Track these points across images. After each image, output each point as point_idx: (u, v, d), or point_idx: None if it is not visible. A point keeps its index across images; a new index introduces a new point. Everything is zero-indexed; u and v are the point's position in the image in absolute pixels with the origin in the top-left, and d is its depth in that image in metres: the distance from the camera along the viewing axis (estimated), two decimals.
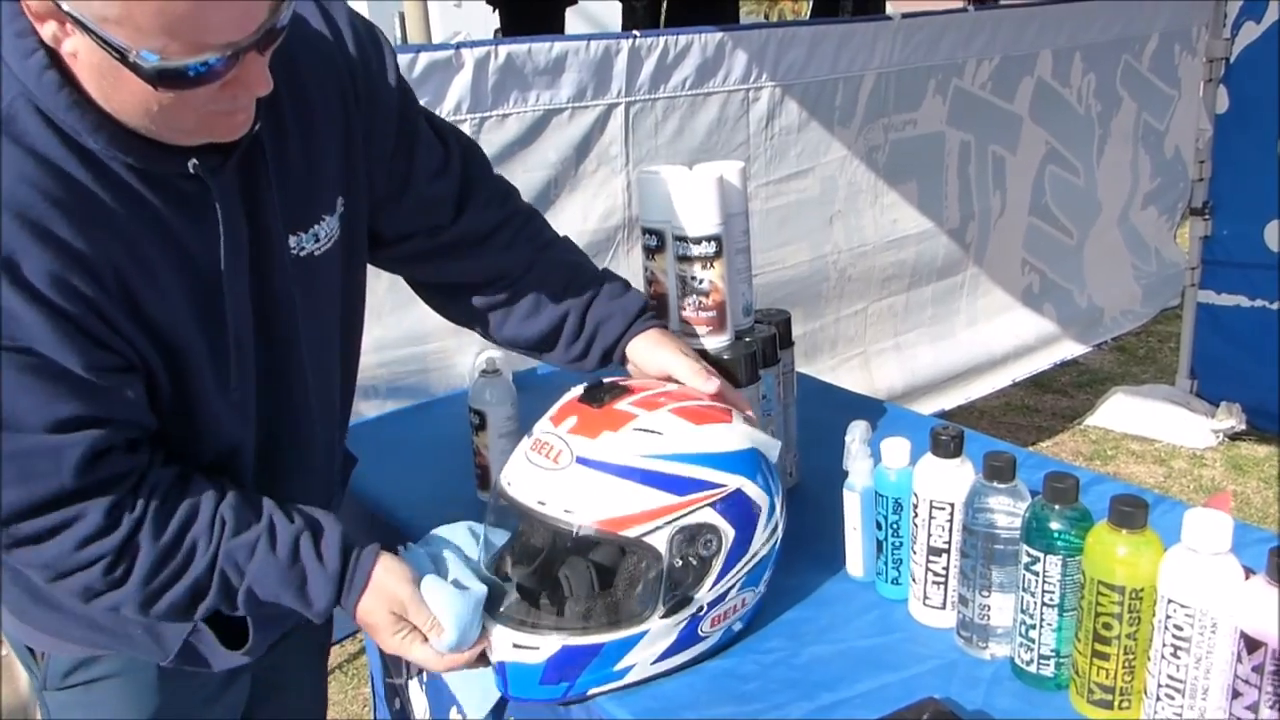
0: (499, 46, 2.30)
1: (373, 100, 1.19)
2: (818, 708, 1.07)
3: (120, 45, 0.84)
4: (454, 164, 1.30)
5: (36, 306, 0.91)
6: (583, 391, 1.17)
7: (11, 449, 0.95)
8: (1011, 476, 1.08)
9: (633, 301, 1.35)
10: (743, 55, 2.68)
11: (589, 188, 2.56)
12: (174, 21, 0.83)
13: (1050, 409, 4.24)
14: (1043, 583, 1.04)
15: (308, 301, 1.16)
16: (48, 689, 1.24)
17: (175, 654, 1.18)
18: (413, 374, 2.23)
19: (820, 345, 3.21)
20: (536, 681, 1.12)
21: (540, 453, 1.12)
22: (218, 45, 0.86)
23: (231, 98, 0.93)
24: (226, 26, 0.86)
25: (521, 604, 1.15)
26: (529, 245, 1.34)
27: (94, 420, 0.97)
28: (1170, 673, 0.95)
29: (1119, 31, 3.62)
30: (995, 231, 3.56)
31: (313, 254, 1.15)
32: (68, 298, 0.93)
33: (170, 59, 0.85)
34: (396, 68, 1.23)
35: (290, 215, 1.11)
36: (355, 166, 1.19)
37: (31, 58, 0.89)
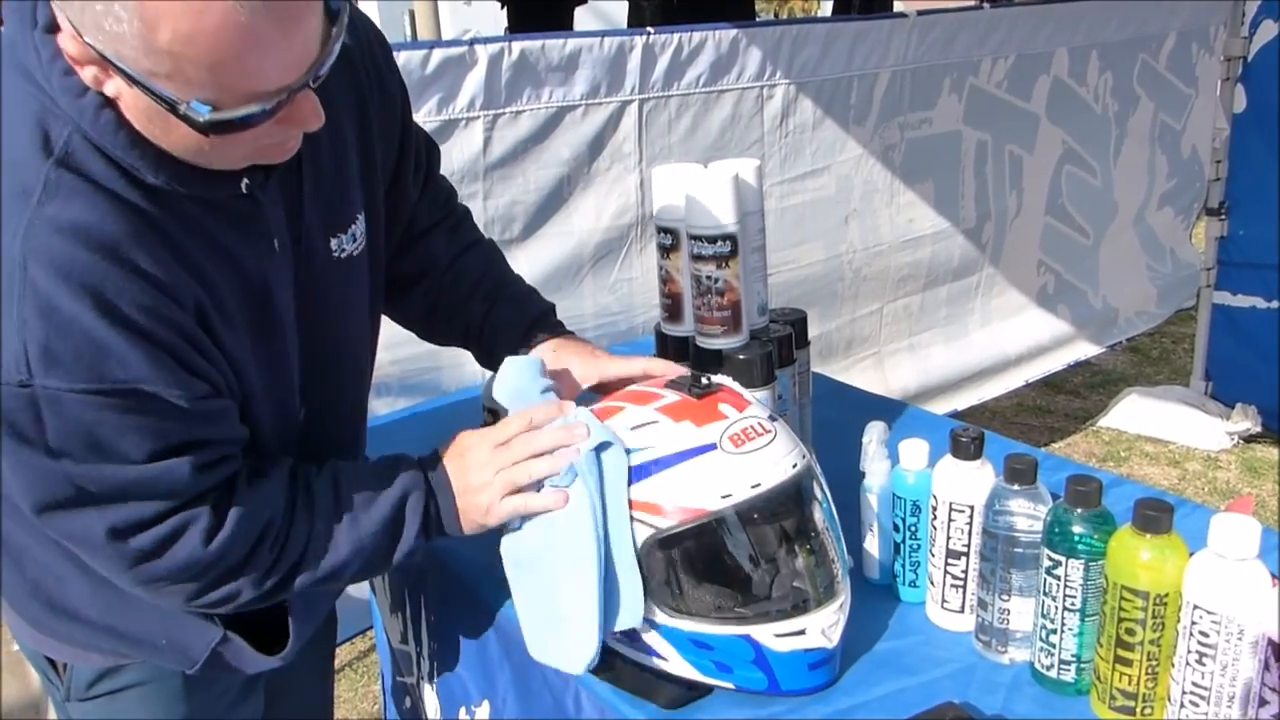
0: (512, 43, 2.29)
1: (384, 97, 1.20)
2: (835, 711, 1.06)
3: (170, 97, 0.83)
4: (421, 164, 1.33)
5: (136, 341, 0.90)
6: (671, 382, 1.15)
7: (120, 479, 0.94)
8: (1033, 479, 1.07)
9: (525, 313, 1.35)
10: (757, 52, 2.67)
11: (602, 185, 2.55)
12: (225, 75, 0.82)
13: (1063, 410, 4.21)
14: (1064, 587, 1.02)
15: (349, 302, 1.17)
16: (71, 700, 1.22)
17: (202, 663, 1.16)
18: (425, 371, 2.23)
19: (835, 345, 3.19)
20: (806, 668, 1.07)
21: (738, 445, 1.07)
22: (270, 92, 0.85)
23: (284, 131, 0.92)
24: (278, 73, 0.85)
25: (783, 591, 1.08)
26: (455, 243, 1.36)
27: (195, 444, 0.97)
28: (1195, 679, 0.93)
29: (1136, 30, 3.59)
30: (1011, 232, 3.54)
31: (351, 254, 1.15)
32: (163, 328, 0.92)
33: (221, 110, 0.84)
34: (398, 70, 1.25)
35: (328, 218, 1.12)
36: (373, 163, 1.19)
37: (84, 97, 0.88)
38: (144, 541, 0.98)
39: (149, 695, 1.22)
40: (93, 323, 0.87)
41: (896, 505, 1.21)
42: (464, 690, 1.41)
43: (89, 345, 0.88)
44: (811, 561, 1.09)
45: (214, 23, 0.78)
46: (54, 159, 0.89)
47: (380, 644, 1.75)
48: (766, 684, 1.07)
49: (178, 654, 1.16)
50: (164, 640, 1.15)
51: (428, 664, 1.51)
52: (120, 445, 0.92)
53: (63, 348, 0.87)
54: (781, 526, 1.09)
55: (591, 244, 2.56)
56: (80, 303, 0.87)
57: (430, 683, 1.52)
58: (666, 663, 1.09)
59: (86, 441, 0.91)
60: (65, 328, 0.87)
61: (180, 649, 1.16)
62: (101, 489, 0.94)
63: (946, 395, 3.51)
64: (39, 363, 0.86)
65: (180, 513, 0.99)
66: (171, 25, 0.78)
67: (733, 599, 1.07)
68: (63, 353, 0.87)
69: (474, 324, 1.34)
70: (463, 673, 1.40)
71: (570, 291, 2.55)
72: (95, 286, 0.88)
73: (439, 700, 1.51)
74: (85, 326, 0.87)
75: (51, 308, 0.86)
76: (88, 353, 0.88)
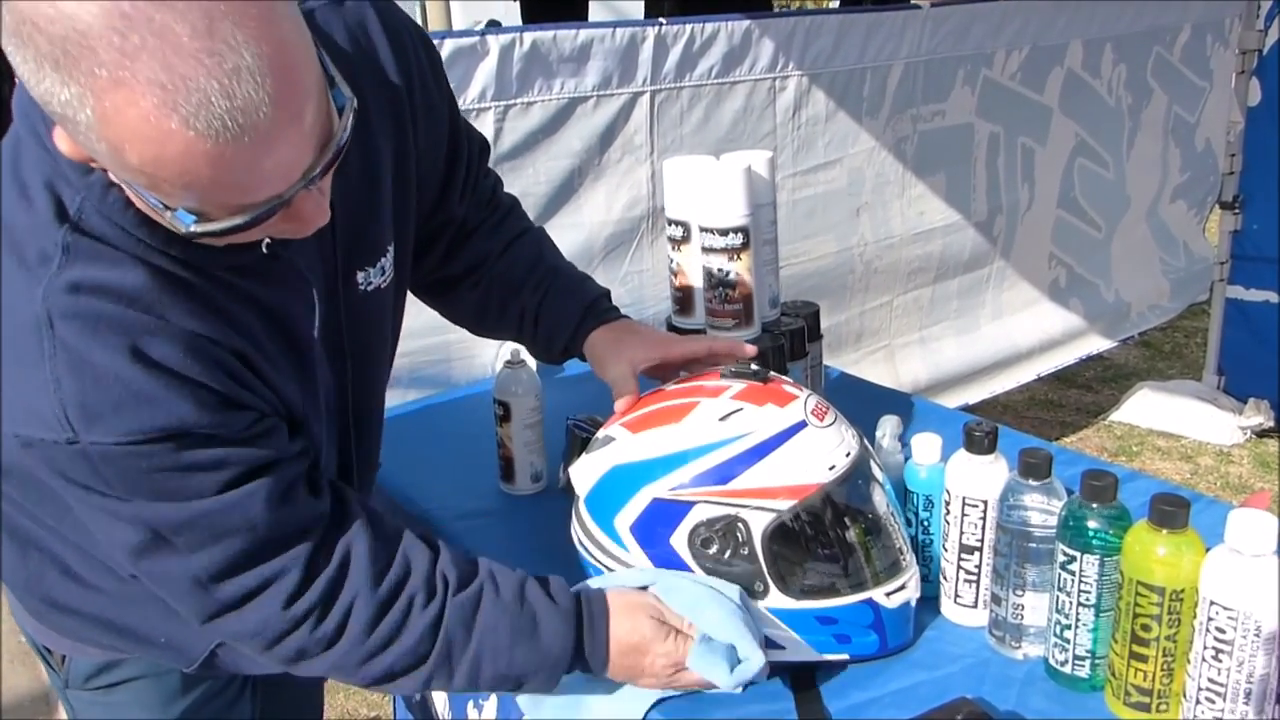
0: (524, 33, 2.28)
1: (429, 113, 1.17)
2: (849, 706, 1.06)
3: (155, 204, 0.78)
4: (472, 181, 1.31)
5: (176, 385, 0.87)
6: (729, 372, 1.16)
7: (195, 515, 0.91)
8: (1047, 474, 1.06)
9: (579, 299, 1.31)
10: (769, 44, 2.65)
11: (613, 177, 2.54)
12: (202, 192, 0.76)
13: (1075, 404, 4.20)
14: (1079, 582, 1.02)
15: (371, 334, 1.15)
16: (70, 689, 1.22)
17: (200, 663, 1.16)
18: (435, 364, 2.22)
19: (845, 338, 3.18)
20: (905, 621, 1.14)
21: (821, 419, 1.11)
22: (258, 203, 0.78)
23: (289, 227, 0.85)
24: (265, 185, 0.77)
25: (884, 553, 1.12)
26: (503, 235, 1.33)
27: (263, 467, 0.94)
28: (1211, 676, 0.93)
29: (1150, 22, 3.57)
30: (1023, 224, 3.52)
31: (379, 287, 1.13)
32: (202, 369, 0.89)
33: (208, 221, 0.78)
34: (446, 78, 1.21)
35: (357, 254, 1.09)
36: (408, 190, 1.16)
37: (91, 175, 0.85)
38: (229, 592, 0.96)
39: (146, 690, 1.21)
40: (127, 372, 0.85)
41: (909, 500, 1.20)
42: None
43: (127, 395, 0.85)
44: (893, 518, 1.14)
45: (177, 151, 0.71)
46: (69, 225, 0.86)
47: None
48: (878, 645, 1.11)
49: (176, 653, 1.15)
50: (163, 639, 1.14)
51: None
52: (184, 486, 0.90)
53: (100, 402, 0.84)
54: (868, 489, 1.13)
55: (602, 236, 2.55)
56: (112, 354, 0.85)
57: None
58: (784, 651, 1.09)
59: (150, 487, 0.89)
60: (100, 381, 0.84)
61: (178, 648, 1.15)
62: (175, 528, 0.92)
63: (957, 388, 3.50)
64: (80, 421, 0.84)
65: (269, 560, 0.95)
66: (137, 151, 0.72)
67: (854, 566, 1.10)
68: (101, 407, 0.84)
69: (528, 314, 1.31)
70: None
71: None
72: (125, 336, 0.85)
73: (448, 697, 1.51)
74: (120, 377, 0.85)
75: (83, 362, 0.84)
76: (127, 403, 0.85)
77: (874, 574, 1.10)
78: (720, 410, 1.10)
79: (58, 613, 1.15)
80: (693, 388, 1.16)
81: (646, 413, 1.15)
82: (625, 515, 1.10)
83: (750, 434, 1.08)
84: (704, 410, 1.11)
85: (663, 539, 1.08)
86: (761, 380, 1.14)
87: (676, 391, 1.16)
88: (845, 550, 1.10)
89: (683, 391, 1.16)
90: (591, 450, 1.17)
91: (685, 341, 1.27)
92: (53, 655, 1.21)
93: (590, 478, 1.15)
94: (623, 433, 1.14)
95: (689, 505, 1.07)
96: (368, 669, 1.01)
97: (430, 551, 1.04)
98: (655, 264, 2.62)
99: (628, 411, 1.17)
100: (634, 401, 1.19)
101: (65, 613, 1.15)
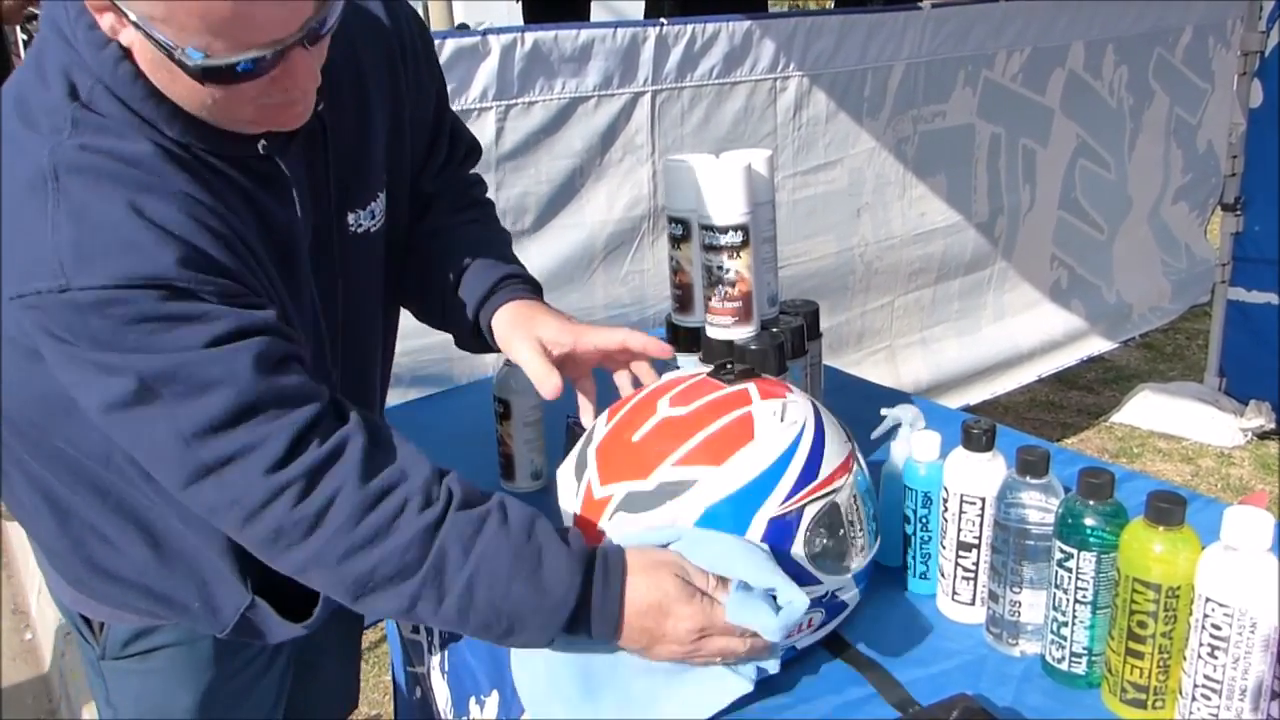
0: (525, 33, 2.28)
1: (419, 87, 1.21)
2: (845, 703, 1.06)
3: (166, 43, 0.85)
4: (454, 159, 1.33)
5: (168, 241, 0.90)
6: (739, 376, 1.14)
7: (177, 366, 0.91)
8: (1045, 471, 1.06)
9: (493, 272, 1.24)
10: (770, 44, 2.66)
11: (614, 177, 2.54)
12: (216, 21, 0.83)
13: (1076, 405, 4.20)
14: (1075, 579, 1.02)
15: (360, 279, 1.17)
16: (105, 658, 1.25)
17: (232, 627, 1.19)
18: (436, 362, 2.23)
19: (846, 338, 3.18)
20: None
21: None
22: (261, 43, 0.86)
23: (283, 91, 0.93)
24: (270, 25, 0.86)
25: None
26: (456, 218, 1.32)
27: (252, 329, 0.93)
28: (1207, 673, 0.93)
29: (1152, 23, 3.57)
30: (1024, 226, 3.52)
31: (368, 231, 1.16)
32: (197, 233, 0.92)
33: (214, 57, 0.86)
34: (438, 62, 1.26)
35: (348, 192, 1.12)
36: (402, 146, 1.20)
37: (105, 50, 0.91)
38: (211, 452, 0.92)
39: (180, 656, 1.24)
40: (123, 220, 0.89)
41: (908, 497, 1.20)
42: (474, 681, 1.41)
43: (117, 241, 0.89)
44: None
45: None
46: (79, 103, 0.92)
47: (391, 634, 1.76)
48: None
49: (209, 616, 1.18)
50: (197, 603, 1.17)
51: (438, 654, 1.51)
52: (167, 339, 0.90)
53: (94, 246, 0.88)
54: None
55: (603, 236, 2.55)
56: (110, 204, 0.89)
57: (441, 673, 1.53)
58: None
59: (134, 339, 0.90)
60: (96, 227, 0.89)
61: (211, 611, 1.18)
62: (161, 378, 0.91)
63: (958, 389, 3.50)
64: (72, 265, 0.87)
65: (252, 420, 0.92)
66: None
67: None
68: (94, 251, 0.88)
69: (449, 291, 1.25)
70: (472, 663, 1.40)
71: (582, 283, 2.55)
72: (125, 189, 0.90)
73: (449, 691, 1.52)
74: (115, 224, 0.89)
75: (83, 209, 0.89)
76: (115, 249, 0.89)
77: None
78: (772, 409, 1.08)
79: (98, 578, 1.18)
80: (717, 401, 1.09)
81: (706, 441, 1.05)
82: None
83: (803, 421, 1.08)
84: (762, 414, 1.07)
85: (785, 555, 1.04)
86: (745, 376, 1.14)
87: (706, 409, 1.08)
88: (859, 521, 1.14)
89: (715, 408, 1.08)
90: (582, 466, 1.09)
91: (598, 331, 1.19)
92: (90, 624, 1.24)
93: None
94: (705, 471, 1.03)
95: (800, 511, 1.05)
96: (350, 565, 0.95)
97: (434, 466, 0.99)
98: (656, 263, 2.63)
99: (620, 404, 1.15)
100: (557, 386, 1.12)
101: (105, 578, 1.18)
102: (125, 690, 1.27)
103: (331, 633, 1.38)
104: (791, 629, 1.00)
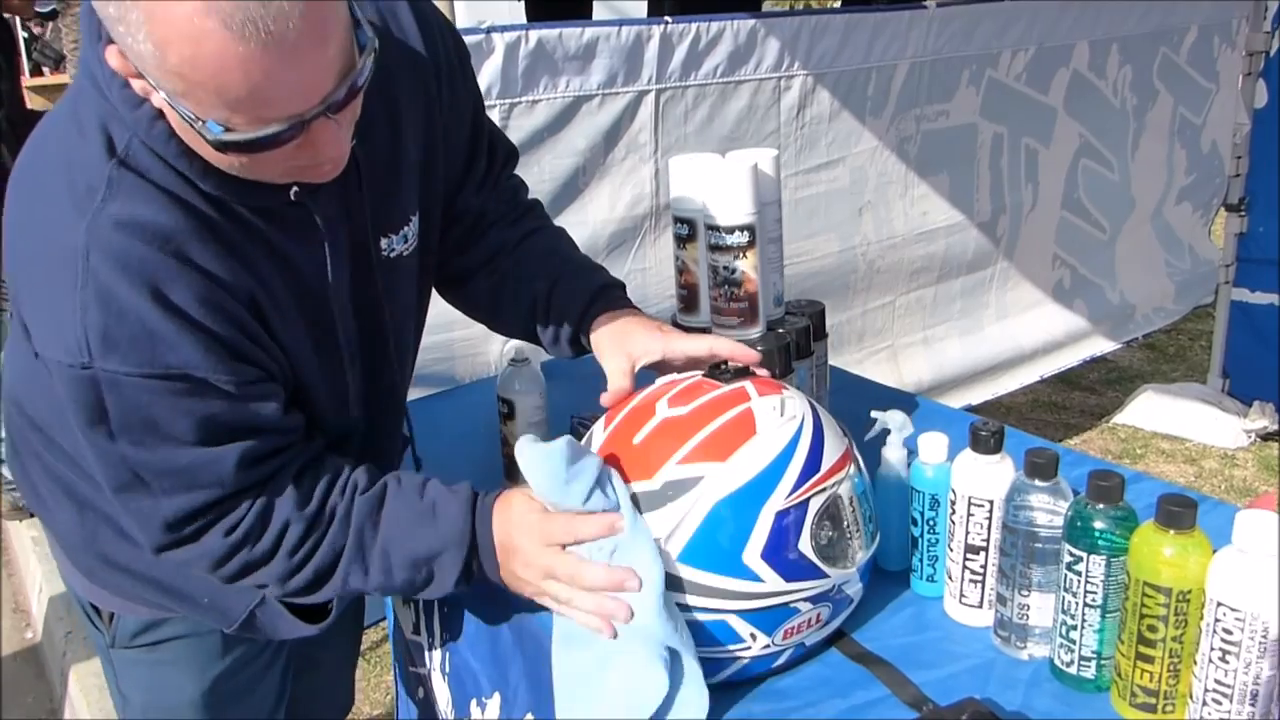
0: (529, 31, 2.27)
1: (455, 108, 1.23)
2: (852, 706, 1.05)
3: (188, 115, 0.87)
4: (493, 175, 1.35)
5: (188, 329, 0.95)
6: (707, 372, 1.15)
7: (178, 463, 1.01)
8: (1054, 474, 1.06)
9: (590, 284, 1.31)
10: (775, 43, 2.65)
11: (617, 176, 2.53)
12: (233, 99, 0.85)
13: (1078, 406, 4.19)
14: (1085, 583, 1.01)
15: (397, 301, 1.20)
16: (115, 647, 1.29)
17: (240, 623, 1.22)
18: (439, 362, 2.22)
19: (848, 338, 3.17)
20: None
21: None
22: (280, 118, 0.88)
23: (310, 155, 0.94)
24: (288, 101, 0.87)
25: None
26: (520, 228, 1.36)
27: (246, 431, 1.02)
28: (1218, 677, 0.92)
29: (1157, 23, 3.56)
30: (1026, 225, 3.51)
31: (401, 254, 1.19)
32: (214, 317, 0.97)
33: (234, 131, 0.87)
34: (474, 75, 1.27)
35: (380, 218, 1.14)
36: (435, 167, 1.22)
37: (140, 108, 0.94)
38: (188, 531, 1.06)
39: (188, 649, 1.29)
40: (147, 311, 0.94)
41: (914, 499, 1.19)
42: (475, 682, 1.40)
43: (143, 332, 0.94)
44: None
45: (213, 49, 0.81)
46: (116, 159, 0.96)
47: (393, 635, 1.75)
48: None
49: (218, 613, 1.23)
50: (206, 599, 1.22)
51: (440, 655, 1.50)
52: (173, 428, 0.98)
53: (119, 333, 0.94)
54: None
55: (606, 234, 2.54)
56: (136, 292, 0.94)
57: (442, 674, 1.52)
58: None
59: (143, 423, 0.98)
60: (122, 315, 0.94)
61: (221, 608, 1.22)
62: (155, 474, 1.01)
63: (961, 389, 3.49)
64: (98, 347, 0.93)
65: (221, 505, 1.05)
66: (176, 49, 0.81)
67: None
68: (119, 338, 0.94)
69: (540, 300, 1.31)
70: (474, 664, 1.40)
71: None
72: (151, 277, 0.94)
73: (450, 692, 1.51)
74: (140, 314, 0.94)
75: (110, 295, 0.93)
76: (142, 339, 0.94)
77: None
78: (771, 405, 1.08)
79: (111, 569, 1.23)
80: (716, 400, 1.09)
81: (709, 438, 1.05)
82: (754, 544, 1.02)
83: (801, 415, 1.08)
84: (762, 410, 1.07)
85: (794, 549, 1.03)
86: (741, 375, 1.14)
87: (706, 408, 1.08)
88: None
89: (715, 406, 1.08)
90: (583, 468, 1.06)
91: (687, 340, 1.25)
92: (100, 614, 1.28)
93: (686, 530, 1.03)
94: (710, 467, 1.03)
95: (805, 504, 1.04)
96: (299, 576, 1.09)
97: (340, 464, 1.11)
98: (658, 262, 2.62)
99: (617, 408, 1.15)
100: (624, 396, 1.17)
101: (118, 570, 1.22)
102: (134, 677, 1.32)
103: (332, 635, 1.39)
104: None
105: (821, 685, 1.09)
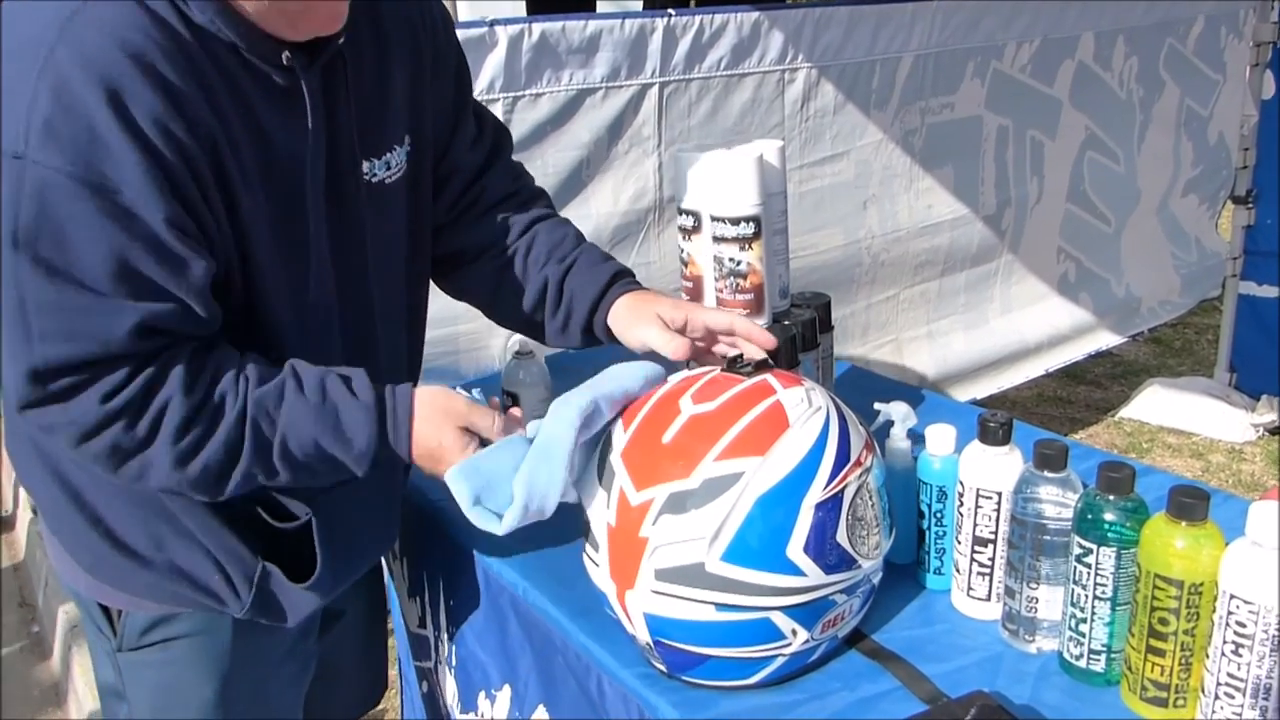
0: (532, 24, 2.26)
1: (439, 60, 1.24)
2: (860, 699, 1.05)
3: None
4: (486, 139, 1.35)
5: (135, 145, 0.91)
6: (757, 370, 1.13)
7: (66, 301, 0.94)
8: (1063, 466, 1.05)
9: (606, 270, 1.31)
10: (779, 35, 2.63)
11: (620, 169, 2.52)
12: None
13: (1084, 400, 4.18)
14: (1094, 575, 1.01)
15: (377, 229, 1.18)
16: (123, 650, 1.24)
17: (250, 603, 1.17)
18: (444, 355, 2.21)
19: (852, 331, 3.16)
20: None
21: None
22: None
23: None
24: None
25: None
26: (527, 214, 1.35)
27: (158, 292, 0.96)
28: (1231, 671, 0.91)
29: (1163, 14, 3.54)
30: (1031, 218, 3.50)
31: (384, 181, 1.17)
32: (166, 143, 0.92)
33: None
34: (460, 46, 1.29)
35: (363, 140, 1.13)
36: (422, 109, 1.22)
37: None
38: (58, 387, 0.97)
39: (198, 646, 1.24)
40: (97, 112, 0.89)
41: (922, 491, 1.19)
42: (484, 674, 1.40)
43: (87, 132, 0.90)
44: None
45: None
46: None
47: (398, 628, 1.74)
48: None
49: (230, 591, 1.18)
50: (217, 575, 1.17)
51: (446, 648, 1.50)
52: (82, 254, 0.92)
53: (63, 128, 0.89)
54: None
55: (609, 228, 2.53)
56: (91, 90, 0.89)
57: (449, 667, 1.51)
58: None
59: (54, 236, 0.91)
60: (70, 109, 0.89)
61: (230, 585, 1.17)
62: (39, 308, 0.93)
63: (966, 383, 3.48)
64: (38, 136, 0.89)
65: (96, 365, 0.97)
66: None
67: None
68: (62, 133, 0.89)
69: (551, 284, 1.30)
70: (483, 657, 1.39)
71: None
72: (113, 83, 0.90)
73: (457, 685, 1.51)
74: (89, 114, 0.89)
75: (64, 88, 0.89)
76: (84, 139, 0.89)
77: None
78: (799, 397, 1.08)
79: (118, 553, 1.17)
80: (742, 394, 1.07)
81: (744, 432, 1.03)
82: (797, 538, 1.00)
83: (826, 406, 1.08)
84: (791, 402, 1.06)
85: (832, 540, 1.02)
86: (761, 368, 1.13)
87: (734, 403, 1.06)
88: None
89: (742, 401, 1.06)
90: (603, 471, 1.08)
91: (709, 312, 1.27)
92: (108, 614, 1.23)
93: (730, 528, 1.00)
94: (749, 463, 1.01)
95: (840, 494, 1.03)
96: (188, 470, 1.03)
97: (239, 355, 1.07)
98: (662, 256, 2.61)
99: (635, 408, 1.12)
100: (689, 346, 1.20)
101: (125, 555, 1.17)
102: (141, 682, 1.26)
103: (353, 635, 1.39)
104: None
105: (830, 678, 1.08)
